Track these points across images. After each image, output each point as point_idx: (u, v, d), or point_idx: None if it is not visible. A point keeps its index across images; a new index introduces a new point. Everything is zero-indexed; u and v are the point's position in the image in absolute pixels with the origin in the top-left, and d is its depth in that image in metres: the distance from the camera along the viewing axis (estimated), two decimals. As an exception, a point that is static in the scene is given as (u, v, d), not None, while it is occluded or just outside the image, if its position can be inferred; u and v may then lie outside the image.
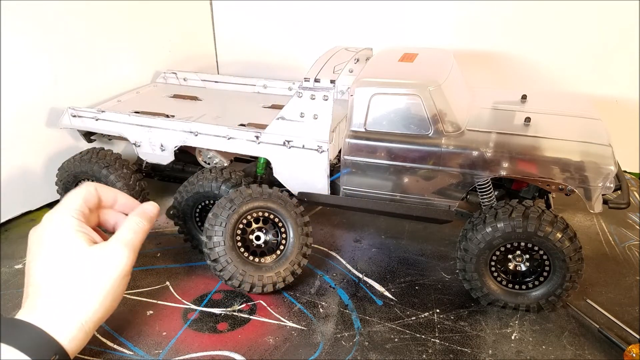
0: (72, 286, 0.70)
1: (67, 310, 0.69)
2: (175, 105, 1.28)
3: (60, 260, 0.71)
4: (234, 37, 1.67)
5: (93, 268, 0.71)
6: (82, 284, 0.70)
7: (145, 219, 0.79)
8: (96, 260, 0.71)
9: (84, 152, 1.11)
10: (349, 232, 1.13)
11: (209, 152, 1.12)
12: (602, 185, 0.85)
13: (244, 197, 0.91)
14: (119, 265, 0.72)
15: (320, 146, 0.96)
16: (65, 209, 0.75)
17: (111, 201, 0.84)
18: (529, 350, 0.80)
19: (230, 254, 0.88)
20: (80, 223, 0.74)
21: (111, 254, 0.72)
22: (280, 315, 0.88)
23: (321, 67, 0.97)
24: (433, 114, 0.89)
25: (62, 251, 0.71)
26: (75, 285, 0.70)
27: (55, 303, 0.69)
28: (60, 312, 0.68)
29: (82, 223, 0.75)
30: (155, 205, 0.84)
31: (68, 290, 0.70)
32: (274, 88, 1.36)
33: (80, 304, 0.69)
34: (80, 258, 0.71)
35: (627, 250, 1.06)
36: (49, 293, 0.69)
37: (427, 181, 0.93)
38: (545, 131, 0.91)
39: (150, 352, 0.80)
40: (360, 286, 0.95)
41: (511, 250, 0.88)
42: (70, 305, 0.69)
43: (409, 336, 0.83)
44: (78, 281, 0.70)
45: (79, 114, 1.14)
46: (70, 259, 0.71)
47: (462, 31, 1.42)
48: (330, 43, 1.15)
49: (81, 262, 0.71)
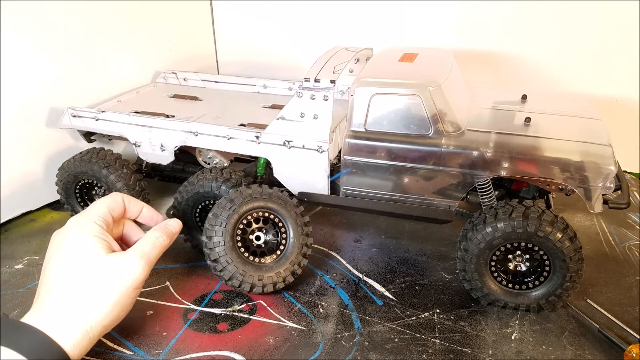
0: (82, 291, 0.70)
1: (73, 315, 0.69)
2: (175, 105, 1.28)
3: (75, 264, 0.71)
4: (234, 37, 1.67)
5: (106, 276, 0.71)
6: (92, 290, 0.70)
7: (166, 235, 0.80)
8: (110, 268, 0.71)
9: (84, 152, 1.11)
10: (349, 232, 1.13)
11: (209, 152, 1.12)
12: (602, 185, 0.85)
13: (244, 197, 0.91)
14: (132, 276, 0.72)
15: (320, 146, 0.96)
16: (90, 215, 0.76)
17: (136, 213, 0.85)
18: (529, 350, 0.80)
19: (231, 254, 0.89)
20: (102, 230, 0.75)
21: (126, 264, 0.73)
22: (281, 315, 0.88)
23: (321, 67, 0.97)
24: (433, 114, 0.89)
25: (79, 255, 0.72)
26: (85, 290, 0.70)
27: (63, 306, 0.69)
28: (66, 316, 0.68)
29: (103, 230, 0.75)
30: (178, 223, 0.85)
31: (78, 294, 0.70)
32: (274, 88, 1.36)
33: (88, 310, 0.69)
34: (95, 264, 0.71)
35: (627, 250, 1.06)
36: (59, 295, 0.69)
37: (427, 181, 0.93)
38: (545, 131, 0.91)
39: (150, 352, 0.80)
40: (360, 286, 0.95)
41: (511, 250, 0.88)
42: (78, 310, 0.69)
43: (409, 336, 0.83)
44: (89, 287, 0.70)
45: (79, 114, 1.14)
46: (84, 264, 0.71)
47: (462, 31, 1.42)
48: (330, 43, 1.15)
49: (95, 268, 0.71)
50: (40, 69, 1.16)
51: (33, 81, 1.15)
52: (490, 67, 1.42)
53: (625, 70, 1.32)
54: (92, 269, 0.71)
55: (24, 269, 1.01)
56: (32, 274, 0.99)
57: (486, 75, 1.43)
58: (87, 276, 0.70)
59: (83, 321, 0.69)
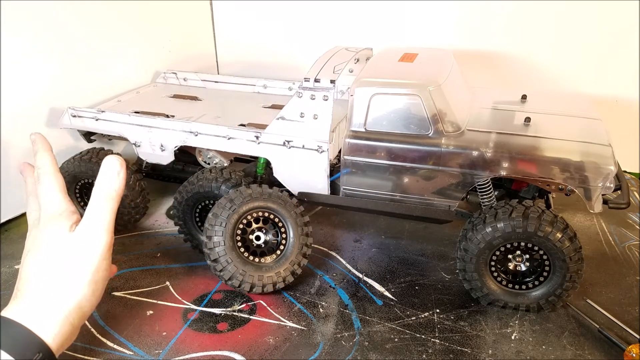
0: (54, 275, 0.67)
1: (49, 303, 0.66)
2: (175, 105, 1.28)
3: (44, 249, 0.69)
4: (234, 37, 1.67)
5: (73, 254, 0.68)
6: (63, 272, 0.67)
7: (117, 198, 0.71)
8: (75, 246, 0.68)
9: (84, 152, 1.11)
10: (349, 232, 1.13)
11: (209, 152, 1.12)
12: (602, 185, 0.85)
13: (244, 197, 0.91)
14: (98, 248, 0.69)
15: (320, 146, 0.96)
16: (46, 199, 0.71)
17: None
18: (529, 350, 0.80)
19: (230, 254, 0.89)
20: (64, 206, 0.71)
21: (87, 238, 0.69)
22: (280, 315, 0.88)
23: (321, 67, 0.97)
24: (433, 114, 0.89)
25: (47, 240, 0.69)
26: (56, 273, 0.67)
27: (39, 295, 0.66)
28: (43, 305, 0.66)
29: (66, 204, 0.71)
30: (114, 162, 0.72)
31: (50, 279, 0.67)
32: (274, 88, 1.36)
33: (62, 294, 0.67)
34: (60, 245, 0.68)
35: (627, 250, 1.06)
36: (34, 285, 0.67)
37: (427, 181, 0.93)
38: (545, 131, 0.91)
39: (150, 352, 0.80)
40: (360, 286, 0.95)
41: (511, 250, 0.88)
42: (53, 296, 0.66)
43: (409, 336, 0.83)
44: (59, 269, 0.67)
45: (79, 114, 1.14)
46: (53, 248, 0.68)
47: (462, 31, 1.42)
48: (330, 43, 1.15)
49: (62, 249, 0.68)
50: (41, 69, 1.16)
51: (33, 81, 1.15)
52: (490, 67, 1.42)
53: (625, 70, 1.32)
54: (59, 250, 0.68)
55: (24, 269, 1.01)
56: (32, 274, 0.99)
57: (486, 75, 1.43)
58: (56, 259, 0.68)
59: (60, 307, 0.66)
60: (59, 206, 0.72)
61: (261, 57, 1.65)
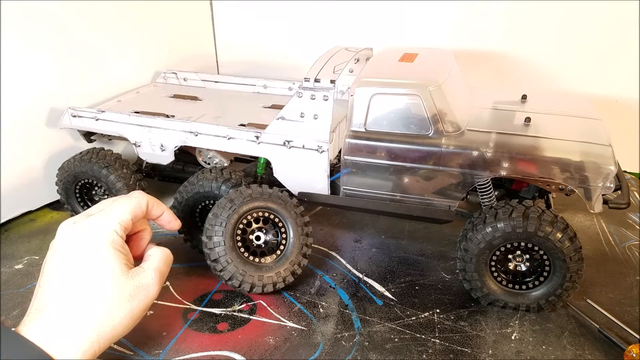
0: (95, 307, 0.65)
1: (79, 332, 0.63)
2: (175, 105, 1.28)
3: (90, 276, 0.66)
4: (234, 37, 1.67)
5: (123, 295, 0.67)
6: (106, 308, 0.65)
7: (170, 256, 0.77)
8: (129, 288, 0.67)
9: (84, 152, 1.11)
10: (349, 232, 1.13)
11: (209, 152, 1.12)
12: (602, 185, 0.85)
13: (244, 197, 0.91)
14: (148, 296, 0.69)
15: (320, 146, 0.96)
16: (111, 220, 0.70)
17: (156, 216, 0.80)
18: (529, 350, 0.80)
19: (231, 254, 0.89)
20: (122, 242, 0.70)
21: (145, 286, 0.69)
22: (281, 315, 0.88)
23: (321, 67, 0.97)
24: (433, 114, 0.89)
25: (95, 268, 0.66)
26: (98, 306, 0.65)
27: (69, 321, 0.63)
28: (71, 332, 0.63)
29: (123, 242, 0.70)
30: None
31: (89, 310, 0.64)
32: (274, 88, 1.36)
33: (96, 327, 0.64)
34: (112, 282, 0.66)
35: (627, 250, 1.06)
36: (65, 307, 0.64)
37: (427, 181, 0.93)
38: (545, 131, 0.91)
39: (150, 352, 0.80)
40: (360, 286, 0.95)
41: (511, 250, 0.88)
42: (85, 327, 0.64)
43: (409, 336, 0.83)
44: (103, 303, 0.65)
45: (79, 114, 1.14)
46: (101, 279, 0.66)
47: (462, 31, 1.42)
48: (330, 43, 1.15)
49: (112, 286, 0.66)
50: (41, 69, 1.16)
51: (33, 81, 1.15)
52: (490, 67, 1.42)
53: (625, 70, 1.32)
54: (108, 286, 0.66)
55: (24, 269, 1.01)
56: (32, 274, 0.99)
57: (486, 75, 1.43)
58: (102, 292, 0.66)
59: (88, 336, 0.63)
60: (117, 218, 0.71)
61: (261, 57, 1.65)
